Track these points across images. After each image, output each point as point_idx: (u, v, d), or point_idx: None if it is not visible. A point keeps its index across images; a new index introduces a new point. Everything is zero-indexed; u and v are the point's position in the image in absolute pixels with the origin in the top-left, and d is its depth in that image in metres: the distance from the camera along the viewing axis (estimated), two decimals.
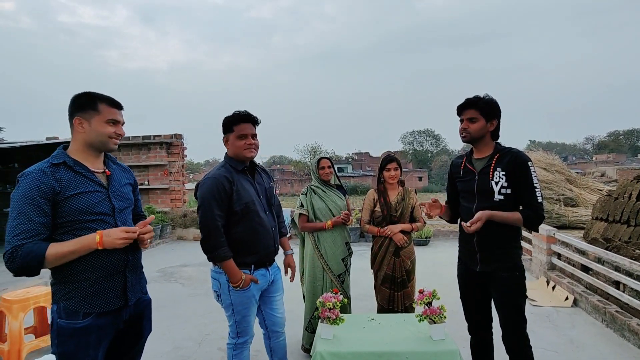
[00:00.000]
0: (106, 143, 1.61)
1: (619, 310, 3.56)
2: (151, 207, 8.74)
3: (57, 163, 1.53)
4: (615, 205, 4.77)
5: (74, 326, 1.52)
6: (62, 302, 1.53)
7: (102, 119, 1.58)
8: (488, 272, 2.13)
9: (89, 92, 1.60)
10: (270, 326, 2.33)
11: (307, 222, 3.04)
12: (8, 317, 2.90)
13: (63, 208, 1.49)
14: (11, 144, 7.10)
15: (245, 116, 2.13)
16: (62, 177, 1.51)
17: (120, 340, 1.69)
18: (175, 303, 4.54)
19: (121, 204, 1.67)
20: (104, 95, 1.61)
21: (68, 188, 1.51)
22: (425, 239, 7.87)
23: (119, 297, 1.62)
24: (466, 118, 2.11)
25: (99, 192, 1.59)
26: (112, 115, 1.61)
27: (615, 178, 15.90)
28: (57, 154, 1.57)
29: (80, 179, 1.55)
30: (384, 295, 2.96)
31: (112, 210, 1.62)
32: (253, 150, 2.15)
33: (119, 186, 1.70)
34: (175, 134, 9.34)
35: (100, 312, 1.56)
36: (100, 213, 1.57)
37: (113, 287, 1.60)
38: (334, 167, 3.11)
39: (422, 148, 59.01)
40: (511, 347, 2.11)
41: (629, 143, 62.33)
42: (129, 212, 1.75)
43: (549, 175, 7.66)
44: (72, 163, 1.55)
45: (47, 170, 1.49)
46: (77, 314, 1.53)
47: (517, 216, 2.02)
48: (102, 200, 1.59)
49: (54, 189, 1.48)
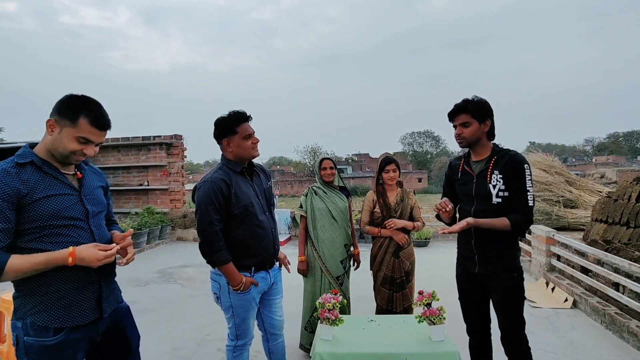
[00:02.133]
0: (66, 157, 1.44)
1: (618, 312, 3.56)
2: (151, 207, 8.73)
3: (23, 163, 1.38)
4: (615, 207, 4.77)
5: (45, 344, 1.38)
6: (28, 318, 1.38)
7: (73, 133, 1.41)
8: (486, 274, 2.13)
9: (82, 99, 1.45)
10: (269, 328, 2.32)
11: (306, 223, 3.04)
12: (7, 318, 2.90)
13: (30, 212, 1.35)
14: (11, 144, 7.10)
15: (245, 115, 2.10)
16: (28, 178, 1.37)
17: (100, 353, 1.59)
18: (174, 304, 4.54)
19: (95, 208, 1.54)
20: (93, 110, 1.44)
21: (36, 190, 1.37)
22: (424, 240, 7.87)
23: (94, 309, 1.49)
24: (459, 124, 2.11)
25: (70, 195, 1.46)
26: (86, 134, 1.42)
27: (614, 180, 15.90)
28: (23, 153, 1.42)
29: (49, 180, 1.41)
30: (383, 296, 2.96)
31: (86, 214, 1.49)
32: (257, 148, 2.15)
33: (92, 189, 1.57)
34: (175, 135, 9.34)
35: (73, 325, 1.43)
36: (72, 218, 1.44)
37: (87, 299, 1.46)
38: (336, 169, 3.09)
39: (422, 149, 59.01)
40: (510, 349, 2.11)
41: (629, 145, 62.41)
42: (102, 216, 1.63)
43: (548, 177, 7.66)
44: (40, 163, 1.41)
45: (11, 171, 1.35)
46: (47, 329, 1.38)
47: (505, 222, 1.99)
48: (74, 204, 1.46)
49: (19, 192, 1.33)
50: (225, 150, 2.14)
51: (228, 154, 2.14)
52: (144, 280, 5.55)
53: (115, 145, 9.41)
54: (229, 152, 2.13)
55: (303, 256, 3.01)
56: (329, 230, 2.98)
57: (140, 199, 9.28)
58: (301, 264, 3.00)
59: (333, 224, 2.98)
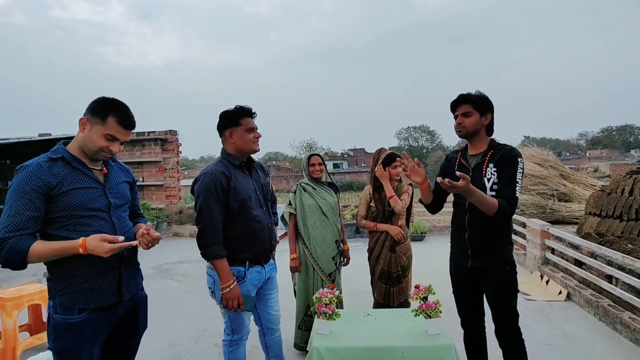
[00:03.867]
0: (95, 153, 1.60)
1: (611, 304, 3.61)
2: (146, 203, 8.70)
3: (56, 158, 1.54)
4: (609, 200, 4.82)
5: (70, 321, 1.53)
6: (57, 298, 1.55)
7: (102, 131, 1.56)
8: (479, 268, 2.15)
9: (112, 101, 1.59)
10: (265, 323, 2.32)
11: (295, 221, 3.01)
12: (2, 315, 2.88)
13: (59, 203, 1.50)
14: (3, 140, 7.01)
15: (250, 110, 2.15)
16: (59, 171, 1.51)
17: (116, 335, 1.70)
18: (170, 300, 4.54)
19: (117, 201, 1.67)
20: (121, 111, 1.59)
21: (64, 183, 1.51)
22: (420, 234, 7.91)
23: (114, 293, 1.62)
24: (460, 113, 2.12)
25: (95, 188, 1.60)
26: (114, 132, 1.58)
27: (608, 173, 16.05)
28: (57, 149, 1.57)
29: (77, 174, 1.56)
30: (380, 291, 2.97)
31: (108, 206, 1.62)
32: (258, 144, 2.16)
33: (116, 184, 1.71)
34: (170, 131, 9.28)
35: (95, 307, 1.57)
36: (95, 209, 1.58)
37: (107, 283, 1.60)
38: (324, 164, 3.06)
39: (418, 144, 59.03)
40: (504, 341, 2.13)
41: (622, 139, 62.85)
42: (125, 209, 1.75)
43: (543, 171, 7.71)
44: (70, 158, 1.56)
45: (44, 165, 1.50)
46: (72, 309, 1.54)
47: (493, 202, 1.94)
48: (98, 197, 1.60)
49: (49, 184, 1.48)
50: (227, 141, 2.15)
51: (229, 146, 2.15)
52: None
53: None
54: (230, 144, 2.14)
55: (295, 254, 2.98)
56: (320, 227, 2.94)
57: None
58: (293, 261, 2.96)
59: (324, 220, 2.95)
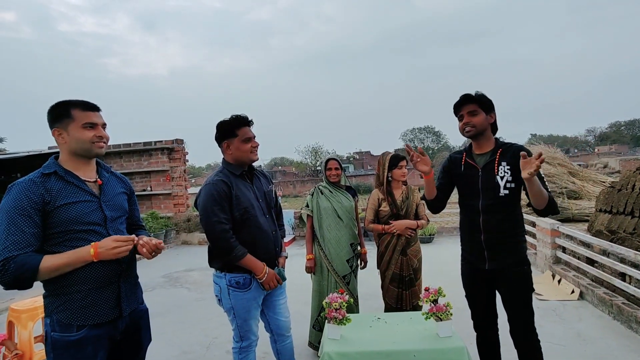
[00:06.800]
0: (89, 149, 1.57)
1: (625, 302, 3.55)
2: (154, 212, 8.77)
3: (48, 173, 1.51)
4: (619, 196, 4.76)
5: (68, 339, 1.49)
6: (54, 315, 1.50)
7: (77, 125, 1.54)
8: (497, 269, 2.12)
9: (61, 100, 1.57)
10: (276, 330, 2.33)
11: (312, 222, 3.06)
12: (17, 327, 2.92)
13: (54, 218, 1.47)
14: (13, 154, 7.13)
15: (247, 119, 2.15)
16: (52, 187, 1.49)
17: (119, 351, 1.66)
18: (181, 308, 4.56)
19: (113, 213, 1.63)
20: (75, 100, 1.57)
21: (58, 198, 1.48)
22: (429, 236, 7.87)
23: (113, 308, 1.58)
24: (466, 112, 2.09)
25: (90, 201, 1.56)
26: (87, 119, 1.55)
27: (618, 169, 15.81)
28: (49, 164, 1.55)
29: (71, 188, 1.53)
30: (392, 295, 2.96)
31: (104, 219, 1.58)
32: (257, 153, 2.18)
33: (112, 195, 1.66)
34: (177, 139, 9.37)
35: (94, 323, 1.53)
36: (90, 223, 1.54)
37: (106, 298, 1.56)
38: (342, 169, 3.11)
39: (423, 145, 58.87)
40: (520, 342, 2.11)
41: (631, 133, 62.04)
42: (123, 221, 1.71)
43: (551, 169, 7.65)
44: (63, 173, 1.53)
45: (37, 180, 1.47)
46: (70, 326, 1.50)
47: (546, 194, 1.90)
48: (94, 210, 1.56)
49: (44, 199, 1.45)
50: (225, 152, 2.18)
51: (228, 157, 2.18)
52: (151, 285, 5.58)
53: (117, 152, 9.45)
54: (228, 155, 2.17)
55: (311, 254, 3.04)
56: (334, 229, 2.99)
57: (144, 205, 9.32)
58: (309, 261, 3.04)
59: (339, 223, 2.99)
